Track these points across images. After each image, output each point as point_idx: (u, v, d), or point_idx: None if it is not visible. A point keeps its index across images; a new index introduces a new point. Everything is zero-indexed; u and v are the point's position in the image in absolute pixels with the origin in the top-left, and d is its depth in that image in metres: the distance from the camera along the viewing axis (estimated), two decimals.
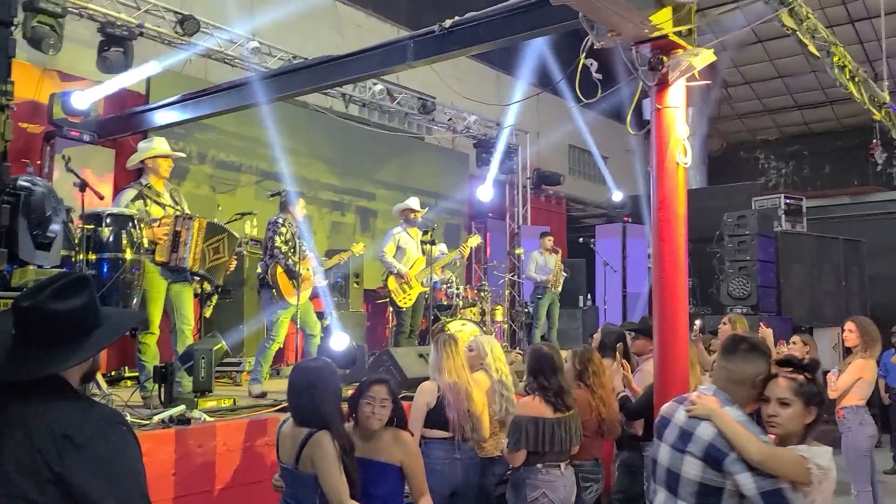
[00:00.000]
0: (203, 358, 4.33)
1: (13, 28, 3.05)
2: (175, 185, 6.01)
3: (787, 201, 11.38)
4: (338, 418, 3.20)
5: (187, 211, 5.56)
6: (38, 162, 7.06)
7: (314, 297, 6.60)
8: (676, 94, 3.90)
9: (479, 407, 4.15)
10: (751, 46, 15.63)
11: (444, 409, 4.05)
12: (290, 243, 6.01)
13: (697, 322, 7.43)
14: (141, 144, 5.63)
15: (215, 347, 4.47)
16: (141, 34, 7.65)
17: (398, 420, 3.38)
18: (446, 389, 4.06)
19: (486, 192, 11.89)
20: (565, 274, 10.07)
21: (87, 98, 6.79)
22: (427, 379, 4.37)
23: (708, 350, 6.79)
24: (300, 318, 5.99)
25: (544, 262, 10.00)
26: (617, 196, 13.12)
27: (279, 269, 5.89)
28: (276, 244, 5.90)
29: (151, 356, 5.19)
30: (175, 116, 7.01)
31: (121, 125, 7.24)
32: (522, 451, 3.80)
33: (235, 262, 5.82)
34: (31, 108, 7.22)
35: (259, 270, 6.05)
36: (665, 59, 3.83)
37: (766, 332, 6.65)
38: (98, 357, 1.89)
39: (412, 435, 3.54)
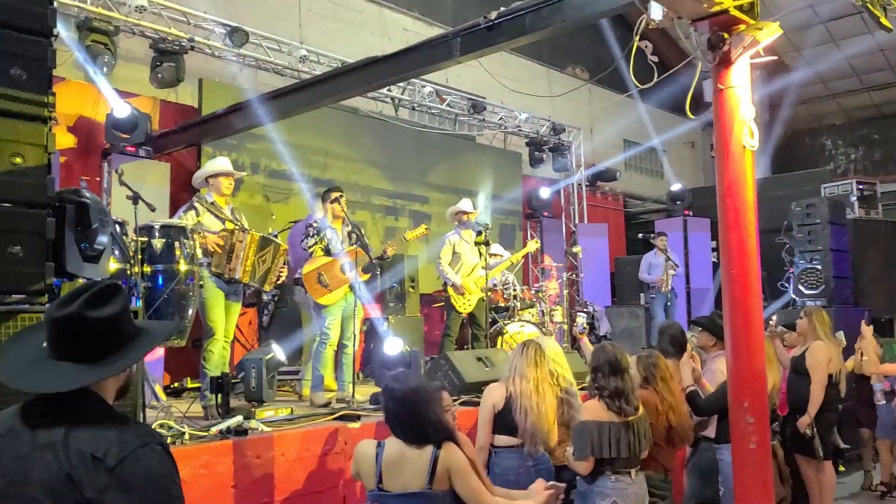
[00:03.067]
0: (254, 368, 4.27)
1: (53, 39, 3.00)
2: (236, 205, 6.13)
3: (860, 187, 10.80)
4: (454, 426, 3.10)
5: (247, 226, 5.63)
6: (98, 179, 7.21)
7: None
8: (740, 73, 3.66)
9: (551, 416, 3.96)
10: (812, 28, 15.00)
11: (510, 412, 3.88)
12: (322, 242, 5.99)
13: (774, 317, 7.11)
14: (206, 164, 5.80)
15: (266, 357, 4.41)
16: (192, 48, 7.74)
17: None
18: (520, 396, 3.89)
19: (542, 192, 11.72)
20: (673, 272, 10.05)
21: (124, 107, 6.90)
22: (489, 382, 4.22)
23: (783, 344, 6.47)
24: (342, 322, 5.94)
25: (658, 263, 10.00)
26: (676, 186, 12.71)
27: (306, 269, 5.87)
28: (307, 245, 5.92)
29: (215, 364, 5.23)
30: (226, 127, 7.05)
31: (174, 139, 7.33)
32: (590, 458, 3.60)
33: (286, 271, 5.81)
34: (89, 126, 7.38)
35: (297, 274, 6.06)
36: (726, 35, 3.60)
37: (866, 331, 6.40)
38: (134, 369, 1.79)
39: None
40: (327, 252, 5.96)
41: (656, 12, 3.57)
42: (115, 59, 6.99)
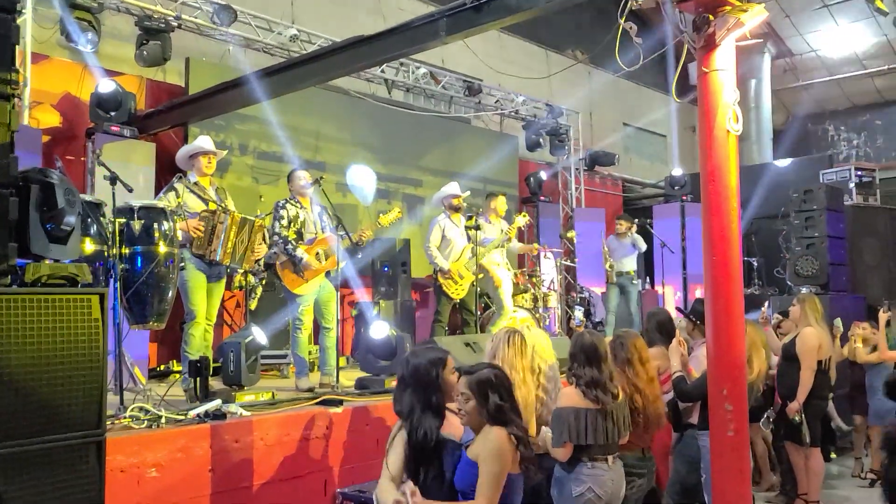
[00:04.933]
0: (232, 351, 4.22)
1: (17, 15, 2.92)
2: (220, 184, 6.06)
3: (858, 173, 10.68)
4: None
5: (231, 207, 5.57)
6: (83, 158, 7.13)
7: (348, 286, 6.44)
8: (725, 56, 3.57)
9: (530, 408, 3.90)
10: (815, 11, 14.80)
11: None
12: (297, 225, 5.90)
13: (766, 304, 7.07)
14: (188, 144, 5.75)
15: (246, 340, 4.36)
16: (178, 26, 7.63)
17: (491, 415, 2.98)
18: None
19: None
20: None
21: (108, 84, 6.81)
22: None
23: (777, 332, 6.43)
24: (317, 306, 5.88)
25: (615, 247, 9.96)
26: (677, 171, 12.60)
27: (280, 259, 5.80)
28: (275, 230, 5.80)
29: (196, 348, 5.20)
30: (213, 107, 6.96)
31: (160, 119, 7.24)
32: (568, 444, 3.56)
33: (265, 249, 5.76)
34: (73, 105, 7.29)
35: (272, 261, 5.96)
36: (711, 17, 3.51)
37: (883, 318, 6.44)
38: None
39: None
40: (300, 236, 5.90)
41: None
42: (98, 37, 6.88)
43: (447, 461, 3.06)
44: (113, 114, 6.67)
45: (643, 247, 9.88)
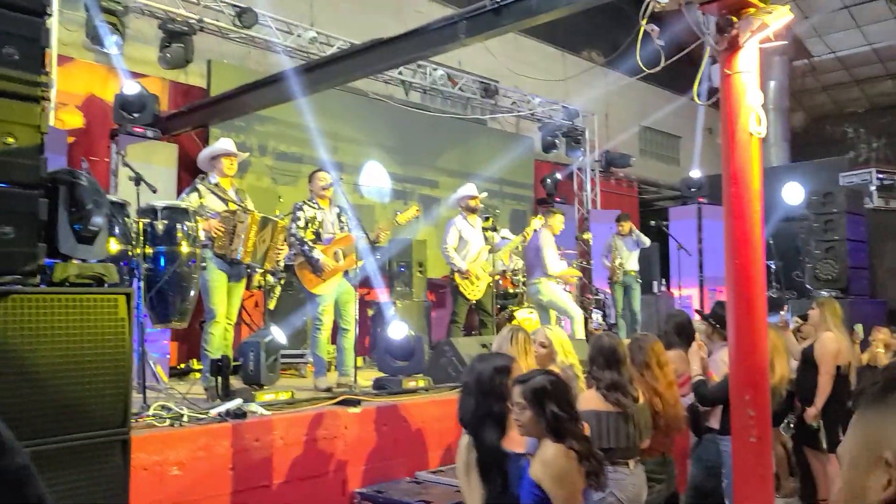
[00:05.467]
0: (252, 351, 4.26)
1: (48, 18, 2.97)
2: (240, 184, 6.12)
3: (880, 176, 10.60)
4: None
5: (251, 207, 5.62)
6: (106, 160, 7.21)
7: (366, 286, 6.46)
8: (748, 58, 3.56)
9: None
10: (835, 13, 14.69)
11: None
12: (314, 226, 5.93)
13: (785, 308, 7.00)
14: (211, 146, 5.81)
15: (265, 340, 4.40)
16: (201, 29, 7.71)
17: (549, 426, 2.75)
18: None
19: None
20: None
21: (133, 85, 6.89)
22: None
23: (796, 336, 6.38)
24: (336, 307, 5.92)
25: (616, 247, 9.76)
26: (695, 173, 12.53)
27: (298, 259, 5.84)
28: (292, 231, 5.84)
29: (216, 346, 5.25)
30: (234, 109, 7.02)
31: (183, 120, 7.31)
32: None
33: (286, 249, 5.80)
34: (96, 106, 7.38)
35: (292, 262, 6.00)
36: (735, 19, 3.50)
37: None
38: None
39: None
40: (318, 237, 5.93)
41: None
42: (123, 40, 6.96)
43: (512, 474, 2.86)
44: (137, 115, 6.74)
45: (647, 242, 9.76)
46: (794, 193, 10.27)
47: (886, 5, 12.10)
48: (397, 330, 5.63)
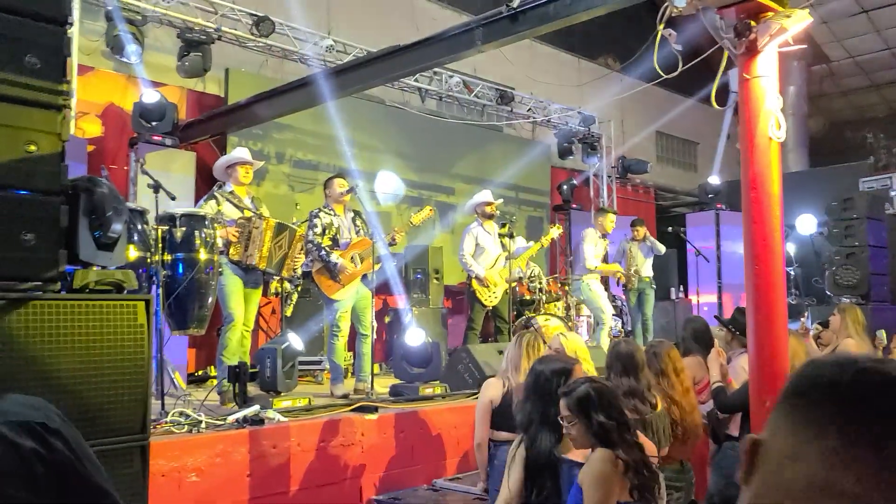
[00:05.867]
0: (269, 358, 4.27)
1: (69, 27, 3.00)
2: (256, 193, 6.17)
3: None
4: None
5: (266, 214, 5.66)
6: (126, 168, 7.29)
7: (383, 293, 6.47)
8: (767, 62, 3.53)
9: None
10: (854, 18, 14.56)
11: (510, 407, 3.82)
12: (331, 232, 5.95)
13: (805, 315, 6.91)
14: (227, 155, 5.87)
15: (282, 347, 4.41)
16: (219, 38, 7.77)
17: (597, 436, 2.63)
18: (517, 389, 3.83)
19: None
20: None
21: (153, 94, 6.95)
22: None
23: (817, 343, 6.30)
24: (354, 313, 5.93)
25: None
26: (714, 180, 12.44)
27: (316, 266, 5.85)
28: (309, 238, 5.86)
29: (232, 352, 5.27)
30: (251, 117, 7.07)
31: (201, 128, 7.37)
32: None
33: (304, 257, 5.83)
34: (116, 115, 7.46)
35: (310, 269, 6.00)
36: (753, 23, 3.47)
37: None
38: None
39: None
40: (335, 243, 5.95)
41: (680, 0, 3.47)
42: (142, 49, 7.04)
43: (563, 482, 2.78)
44: (156, 123, 6.80)
45: (662, 249, 9.70)
46: (807, 224, 10.13)
47: None
48: (414, 336, 5.63)
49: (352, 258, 5.93)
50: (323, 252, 5.79)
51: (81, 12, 6.92)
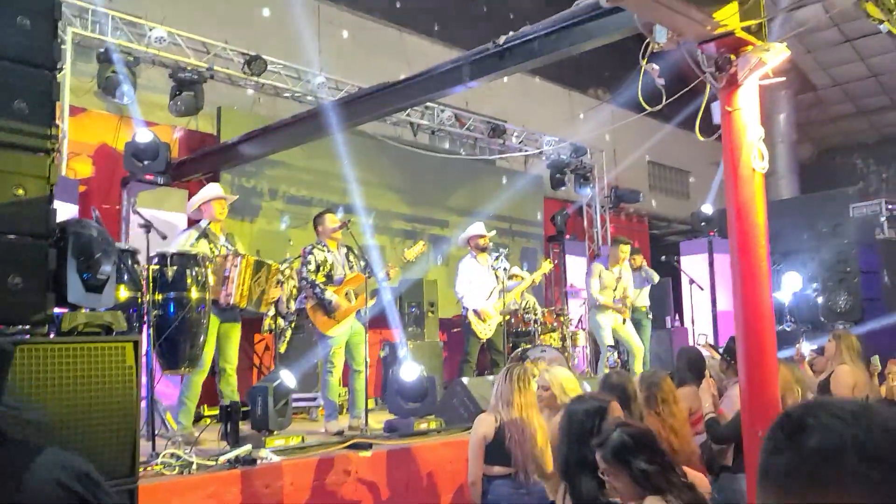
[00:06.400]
0: (260, 396, 4.25)
1: (59, 72, 3.04)
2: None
3: (890, 207, 10.53)
4: None
5: (242, 252, 5.66)
6: (118, 207, 7.31)
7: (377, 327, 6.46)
8: (748, 95, 3.59)
9: (541, 440, 3.87)
10: (839, 46, 14.78)
11: (503, 442, 3.80)
12: (325, 269, 5.94)
13: (800, 341, 6.91)
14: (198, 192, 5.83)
15: (273, 384, 4.39)
16: (211, 77, 7.85)
17: (641, 485, 2.43)
18: (509, 424, 3.81)
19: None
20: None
21: (146, 133, 7.00)
22: None
23: (811, 369, 6.28)
24: (347, 349, 5.91)
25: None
26: (707, 209, 12.52)
27: (310, 303, 5.84)
28: (303, 275, 5.85)
29: (194, 395, 5.25)
30: (244, 154, 7.11)
31: (193, 166, 7.41)
32: None
33: (279, 292, 5.82)
34: (110, 156, 7.50)
35: (303, 305, 5.99)
36: (733, 57, 3.54)
37: None
38: None
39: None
40: (329, 279, 5.94)
41: (661, 36, 3.53)
42: (135, 89, 7.11)
43: None
44: (148, 163, 6.84)
45: (656, 278, 9.68)
46: (793, 282, 10.11)
47: (888, 36, 12.19)
48: (410, 371, 5.61)
49: (346, 294, 5.93)
50: (318, 289, 5.79)
51: (73, 54, 7.01)
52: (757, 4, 3.54)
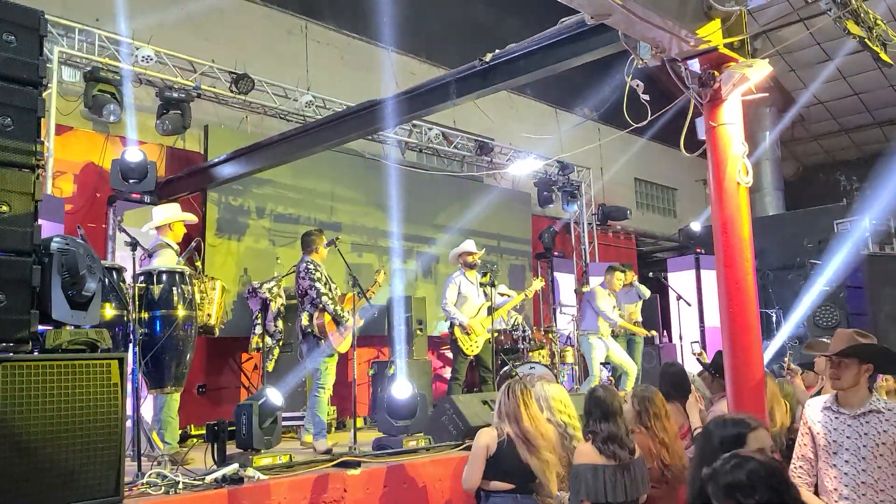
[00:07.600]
0: (244, 414, 4.21)
1: (44, 89, 3.04)
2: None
3: (873, 222, 10.65)
4: None
5: (208, 275, 5.71)
6: (104, 226, 7.27)
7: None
8: (732, 110, 3.63)
9: (548, 454, 3.86)
10: (822, 65, 15.01)
11: (504, 457, 3.78)
12: (328, 286, 5.97)
13: (788, 355, 6.93)
14: (155, 211, 5.76)
15: (258, 403, 4.35)
16: (198, 95, 7.85)
17: None
18: (517, 437, 3.80)
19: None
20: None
21: (136, 153, 6.98)
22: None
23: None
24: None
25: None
26: (695, 226, 12.61)
27: (327, 318, 5.81)
28: (321, 292, 5.83)
29: (174, 411, 5.20)
30: (231, 172, 7.11)
31: (180, 185, 7.39)
32: (585, 502, 3.49)
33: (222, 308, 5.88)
34: (96, 174, 7.47)
35: (305, 322, 5.92)
36: (716, 73, 3.58)
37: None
38: None
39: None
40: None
41: (645, 52, 3.57)
42: (121, 109, 7.10)
43: None
44: (135, 182, 6.81)
45: (647, 294, 9.77)
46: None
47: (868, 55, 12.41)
48: (400, 388, 5.57)
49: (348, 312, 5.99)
50: (337, 308, 5.83)
51: (59, 73, 7.00)
52: (739, 21, 3.60)
